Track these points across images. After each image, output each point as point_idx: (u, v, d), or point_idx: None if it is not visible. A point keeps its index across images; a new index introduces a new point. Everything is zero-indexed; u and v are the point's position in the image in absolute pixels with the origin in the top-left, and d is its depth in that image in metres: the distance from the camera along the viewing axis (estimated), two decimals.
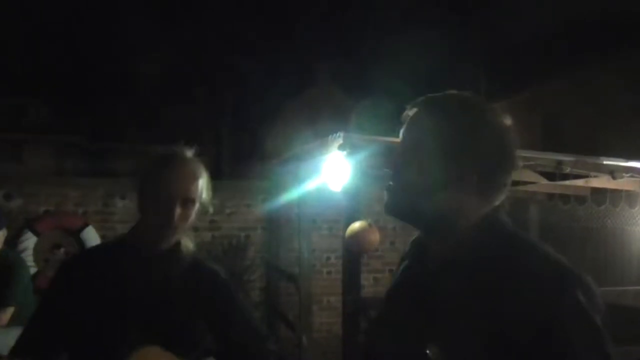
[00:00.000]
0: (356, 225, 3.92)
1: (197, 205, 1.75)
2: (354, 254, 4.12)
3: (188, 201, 1.71)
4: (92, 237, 6.47)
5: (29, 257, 6.12)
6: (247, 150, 17.40)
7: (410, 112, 1.31)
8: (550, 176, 4.40)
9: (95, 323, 1.66)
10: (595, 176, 4.30)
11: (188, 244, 1.82)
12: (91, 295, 1.69)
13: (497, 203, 1.23)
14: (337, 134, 3.95)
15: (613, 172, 4.06)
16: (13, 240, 6.03)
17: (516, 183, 5.07)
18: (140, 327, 1.65)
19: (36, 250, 6.38)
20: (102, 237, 6.52)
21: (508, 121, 1.30)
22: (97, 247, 1.97)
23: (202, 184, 1.78)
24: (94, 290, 1.70)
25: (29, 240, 6.31)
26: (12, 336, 1.82)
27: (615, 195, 4.93)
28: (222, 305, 1.84)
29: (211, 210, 1.81)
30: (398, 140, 1.33)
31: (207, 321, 1.78)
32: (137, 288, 1.70)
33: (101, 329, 1.65)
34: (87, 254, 1.91)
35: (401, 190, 1.24)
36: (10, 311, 3.49)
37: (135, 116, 17.15)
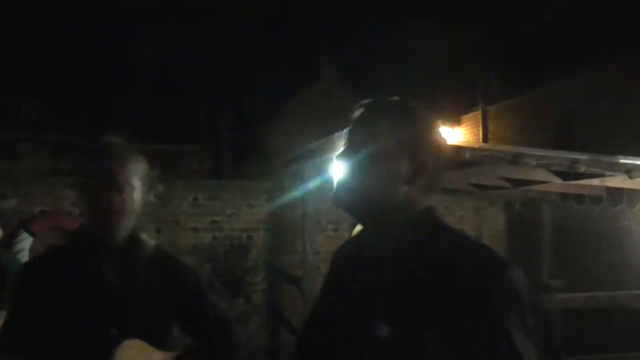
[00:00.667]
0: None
1: (136, 189, 1.83)
2: None
3: (123, 184, 1.81)
4: None
5: (24, 259, 6.12)
6: (249, 148, 17.41)
7: (359, 112, 1.46)
8: (564, 175, 4.40)
9: (70, 321, 1.74)
10: (611, 175, 4.30)
11: (146, 236, 1.95)
12: (59, 294, 1.77)
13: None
14: (343, 132, 3.95)
15: (630, 171, 4.06)
16: (8, 241, 6.04)
17: (528, 182, 5.07)
18: (115, 320, 1.74)
19: (32, 251, 6.39)
20: None
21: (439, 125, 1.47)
22: (55, 246, 2.04)
23: (136, 169, 1.86)
24: (61, 288, 1.78)
25: (25, 241, 6.33)
26: None
27: (632, 195, 4.92)
28: (189, 294, 1.94)
29: (154, 196, 1.94)
30: None
31: (175, 310, 1.89)
32: (103, 281, 1.79)
33: (77, 326, 1.73)
34: (47, 253, 2.00)
35: (357, 185, 1.38)
36: (3, 315, 3.49)
37: (132, 114, 17.19)
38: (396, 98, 1.46)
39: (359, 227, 3.83)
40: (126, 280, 1.81)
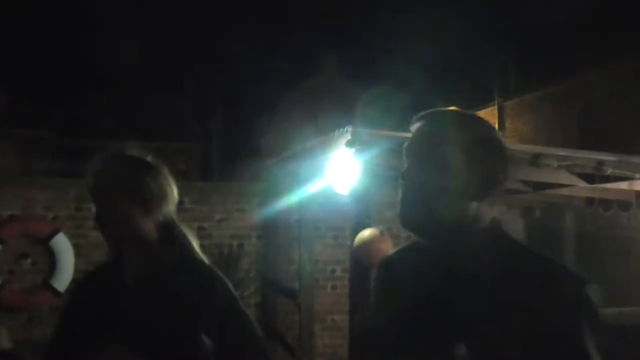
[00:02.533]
0: (366, 233, 3.92)
1: (134, 198, 1.93)
2: (362, 266, 4.11)
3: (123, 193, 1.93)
4: (63, 245, 6.48)
5: None
6: (240, 147, 17.41)
7: (418, 124, 1.50)
8: (589, 178, 4.38)
9: (88, 335, 1.91)
10: None
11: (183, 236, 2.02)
12: (90, 310, 1.95)
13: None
14: (344, 129, 3.95)
15: None
16: None
17: (550, 186, 5.06)
18: (129, 334, 1.86)
19: (0, 260, 6.39)
20: (75, 245, 6.52)
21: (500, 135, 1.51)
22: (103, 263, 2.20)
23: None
24: (91, 302, 1.98)
25: None
26: None
27: None
28: (221, 310, 1.95)
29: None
30: (410, 135, 1.50)
31: (203, 327, 1.90)
32: (123, 290, 1.93)
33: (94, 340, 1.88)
34: (96, 269, 2.18)
35: (419, 200, 1.42)
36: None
37: (113, 108, 17.17)
38: (455, 108, 1.52)
39: (367, 232, 3.83)
40: (148, 290, 1.90)
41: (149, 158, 2.01)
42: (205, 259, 2.01)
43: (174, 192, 2.01)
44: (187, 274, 1.93)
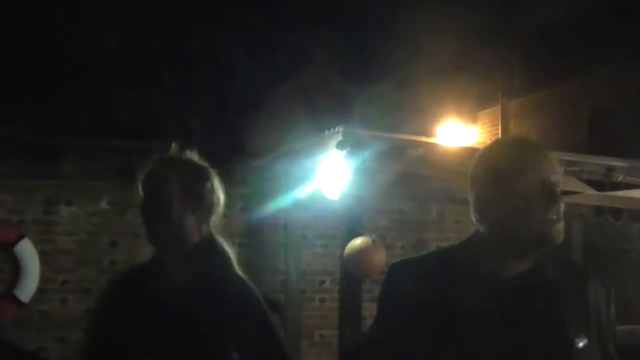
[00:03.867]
0: (357, 242, 3.91)
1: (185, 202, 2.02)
2: (354, 277, 4.10)
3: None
4: (28, 252, 6.43)
5: None
6: (223, 147, 17.39)
7: (488, 150, 1.81)
8: (598, 185, 4.40)
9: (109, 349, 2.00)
10: None
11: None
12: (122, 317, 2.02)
13: None
14: (336, 129, 3.95)
15: None
16: None
17: None
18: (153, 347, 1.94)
19: None
20: (42, 252, 6.48)
21: None
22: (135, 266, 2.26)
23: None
24: (125, 310, 2.03)
25: None
26: None
27: None
28: (252, 326, 2.04)
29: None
30: (406, 137, 1.62)
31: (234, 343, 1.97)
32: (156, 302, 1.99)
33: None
34: (131, 270, 2.22)
35: (514, 220, 1.71)
36: None
37: (85, 104, 17.10)
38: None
39: (358, 241, 3.82)
40: (185, 301, 1.96)
41: (206, 164, 2.12)
42: (242, 274, 2.14)
43: (222, 202, 2.10)
44: (226, 289, 2.03)
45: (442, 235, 7.37)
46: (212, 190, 2.08)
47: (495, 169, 1.69)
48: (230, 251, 2.14)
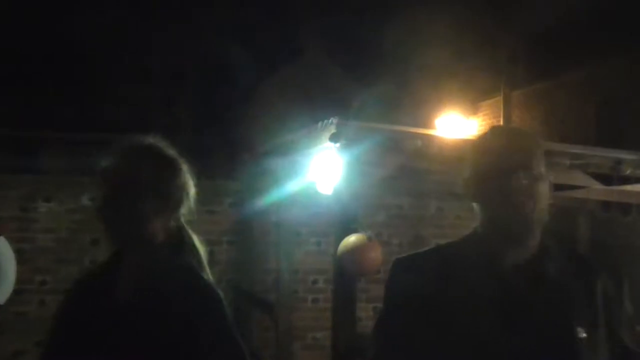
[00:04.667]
0: (352, 239, 3.91)
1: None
2: (348, 276, 4.10)
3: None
4: (5, 251, 6.40)
5: None
6: (211, 140, 17.38)
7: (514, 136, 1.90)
8: (606, 179, 4.41)
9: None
10: None
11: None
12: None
13: None
14: (329, 121, 3.95)
15: None
16: None
17: (561, 187, 5.08)
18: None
19: None
20: (19, 250, 6.46)
21: None
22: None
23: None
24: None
25: None
26: None
27: None
28: (211, 331, 1.94)
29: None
30: (404, 129, 1.67)
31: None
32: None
33: None
34: (94, 270, 2.19)
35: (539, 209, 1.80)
36: None
37: (65, 96, 17.05)
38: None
39: (353, 238, 3.82)
40: (142, 301, 1.90)
41: (172, 153, 2.04)
42: (209, 273, 2.04)
43: (192, 196, 2.07)
44: (186, 287, 1.94)
45: (441, 232, 7.38)
46: (181, 186, 2.03)
47: (488, 157, 1.80)
48: (201, 247, 2.09)
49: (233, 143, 16.14)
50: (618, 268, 6.77)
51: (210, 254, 7.02)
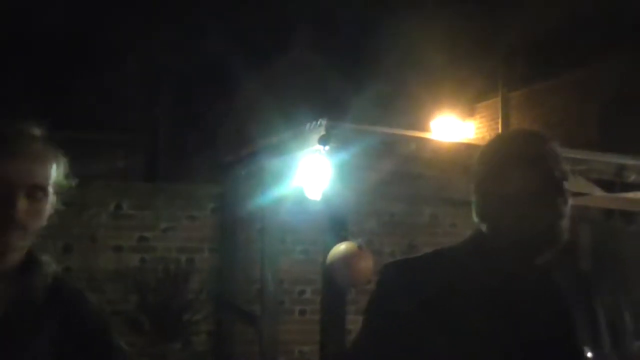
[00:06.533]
0: (341, 247, 3.92)
1: (50, 197, 1.80)
2: (337, 287, 4.11)
3: (36, 189, 1.74)
4: None
5: None
6: (192, 142, 17.36)
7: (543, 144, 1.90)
8: (608, 186, 4.44)
9: None
10: None
11: (47, 259, 1.90)
12: None
13: None
14: (318, 122, 3.96)
15: None
16: None
17: None
18: None
19: None
20: None
21: None
22: None
23: (55, 170, 1.81)
24: None
25: None
26: None
27: None
28: (93, 346, 1.84)
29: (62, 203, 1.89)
30: (397, 131, 1.63)
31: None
32: None
33: None
34: None
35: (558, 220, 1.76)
36: None
37: (35, 91, 16.99)
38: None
39: (342, 247, 3.83)
40: (16, 319, 1.74)
41: (55, 148, 1.85)
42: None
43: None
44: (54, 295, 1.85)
45: (435, 240, 7.39)
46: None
47: (499, 164, 1.74)
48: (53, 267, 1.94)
49: (215, 144, 16.13)
50: (620, 279, 6.81)
51: (190, 262, 7.04)
